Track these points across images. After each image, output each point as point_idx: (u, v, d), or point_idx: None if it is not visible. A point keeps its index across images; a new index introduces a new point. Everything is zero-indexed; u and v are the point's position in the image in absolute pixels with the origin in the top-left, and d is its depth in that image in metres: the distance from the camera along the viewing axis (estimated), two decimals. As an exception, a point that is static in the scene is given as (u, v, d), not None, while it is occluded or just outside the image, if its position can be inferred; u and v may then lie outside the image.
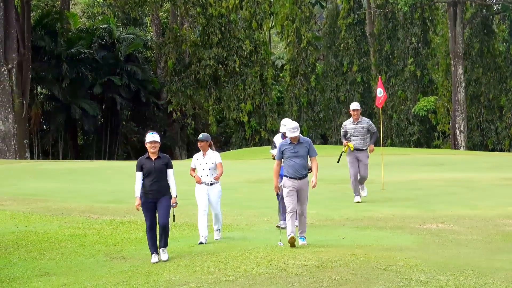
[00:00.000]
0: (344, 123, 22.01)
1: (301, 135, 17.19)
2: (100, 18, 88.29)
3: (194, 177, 19.41)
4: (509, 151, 75.83)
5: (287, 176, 16.77)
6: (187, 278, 16.19)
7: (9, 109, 71.61)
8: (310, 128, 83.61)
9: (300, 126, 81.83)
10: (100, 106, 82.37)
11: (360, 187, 23.97)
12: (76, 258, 21.28)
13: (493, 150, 76.59)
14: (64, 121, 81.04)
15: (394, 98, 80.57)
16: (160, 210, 15.51)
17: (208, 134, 18.91)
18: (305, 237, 17.54)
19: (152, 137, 15.93)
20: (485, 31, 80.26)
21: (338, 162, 27.08)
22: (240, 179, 38.93)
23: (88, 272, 19.29)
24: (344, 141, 22.26)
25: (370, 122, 21.90)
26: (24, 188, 34.69)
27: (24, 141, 73.52)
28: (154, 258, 16.02)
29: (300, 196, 16.77)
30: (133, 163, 52.91)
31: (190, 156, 79.87)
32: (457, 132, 76.58)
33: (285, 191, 16.86)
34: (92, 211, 27.18)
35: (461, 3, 76.91)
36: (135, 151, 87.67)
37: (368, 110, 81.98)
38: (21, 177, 40.83)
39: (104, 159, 78.87)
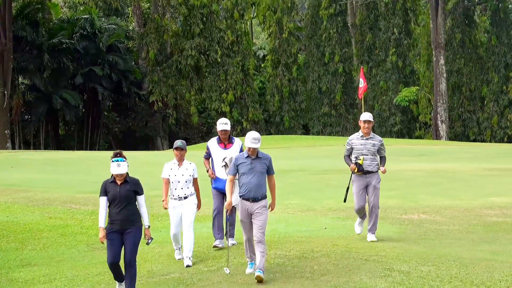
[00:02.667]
0: (350, 137, 17.52)
1: (260, 150, 14.51)
2: (81, 9, 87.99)
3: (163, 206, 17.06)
4: (490, 141, 76.08)
5: (241, 197, 14.23)
6: (169, 268, 16.17)
7: (-9, 99, 71.54)
8: (292, 118, 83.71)
9: (282, 117, 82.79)
10: (82, 97, 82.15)
11: (370, 227, 18.13)
12: (57, 248, 21.24)
13: (474, 140, 76.83)
14: (46, 111, 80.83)
15: (376, 89, 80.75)
16: (127, 245, 13.05)
17: (184, 141, 16.60)
18: (261, 269, 14.11)
19: (117, 168, 13.55)
20: (466, 22, 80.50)
21: (344, 201, 19.49)
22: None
23: (70, 262, 19.27)
24: (352, 165, 17.21)
25: (383, 141, 17.88)
26: (5, 179, 34.62)
27: (5, 131, 73.34)
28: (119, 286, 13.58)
29: (254, 220, 13.99)
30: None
31: (171, 146, 79.77)
32: (439, 122, 76.74)
33: (240, 215, 14.49)
34: (73, 201, 27.16)
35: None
36: (117, 141, 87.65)
37: (349, 101, 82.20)
38: (2, 168, 40.75)
39: (86, 149, 78.79)
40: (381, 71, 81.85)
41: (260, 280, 13.74)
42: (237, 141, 17.38)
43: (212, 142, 17.16)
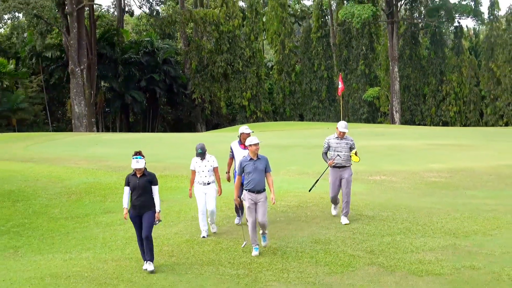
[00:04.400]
0: (328, 137, 16.20)
1: (258, 153, 13.90)
2: (144, 33, 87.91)
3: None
4: (430, 125, 75.81)
5: (247, 190, 13.62)
6: (186, 252, 16.01)
7: (82, 97, 71.54)
8: (291, 110, 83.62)
9: (284, 109, 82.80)
10: (145, 95, 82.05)
11: (343, 211, 16.27)
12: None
13: (419, 124, 76.57)
14: (120, 105, 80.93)
15: (350, 89, 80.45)
16: (143, 224, 12.60)
17: (203, 144, 15.60)
18: (266, 238, 14.02)
19: (136, 164, 12.95)
20: (413, 42, 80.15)
21: (309, 191, 17.92)
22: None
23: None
24: (329, 161, 15.90)
25: (354, 142, 16.24)
26: (92, 152, 34.73)
27: (92, 120, 73.42)
28: (145, 265, 12.86)
29: (258, 208, 13.51)
30: (168, 135, 52.24)
31: (207, 129, 79.88)
32: (394, 112, 76.57)
33: (245, 204, 13.87)
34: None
35: (396, 22, 76.67)
36: (169, 126, 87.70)
37: (332, 97, 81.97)
38: (90, 145, 40.84)
39: (148, 131, 78.84)
40: (353, 76, 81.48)
41: (264, 246, 13.73)
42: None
43: (234, 144, 16.21)
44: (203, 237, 15.20)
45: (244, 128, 15.69)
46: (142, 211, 12.49)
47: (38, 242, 17.84)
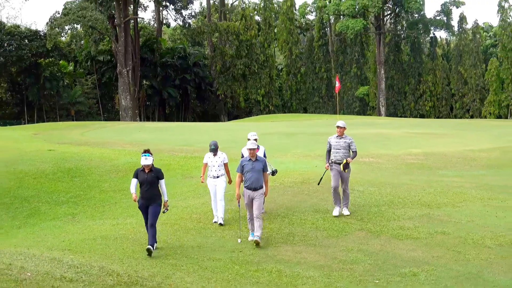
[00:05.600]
0: (329, 138, 14.97)
1: (258, 154, 12.95)
2: (178, 41, 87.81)
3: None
4: (409, 117, 75.50)
5: (245, 187, 12.62)
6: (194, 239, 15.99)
7: (127, 93, 71.77)
8: (297, 104, 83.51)
9: (292, 103, 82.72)
10: (179, 91, 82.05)
11: (344, 204, 14.90)
12: (165, 177, 21.27)
13: (400, 117, 76.29)
14: (158, 100, 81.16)
15: (345, 87, 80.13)
16: (150, 214, 11.64)
17: (216, 141, 14.81)
18: (259, 236, 12.40)
19: (144, 161, 11.90)
20: (396, 49, 79.78)
21: (318, 184, 16.28)
22: (256, 132, 38.59)
23: (173, 184, 19.31)
24: (326, 164, 14.71)
25: (353, 140, 14.92)
26: (135, 137, 34.82)
27: (136, 111, 73.64)
28: (147, 247, 11.57)
29: (254, 203, 12.39)
30: (196, 124, 52.22)
31: (229, 119, 79.86)
32: (380, 106, 76.32)
33: (244, 200, 12.80)
34: (173, 150, 27.25)
35: (383, 33, 76.42)
36: (198, 117, 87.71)
37: (330, 94, 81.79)
38: (133, 132, 40.98)
39: (180, 121, 78.99)
40: (348, 77, 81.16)
41: (257, 244, 12.30)
42: (261, 147, 15.16)
43: (245, 149, 14.64)
44: (215, 222, 14.26)
45: (250, 135, 14.79)
46: (150, 202, 11.71)
47: (91, 210, 17.94)
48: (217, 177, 14.29)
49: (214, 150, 14.38)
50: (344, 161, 14.33)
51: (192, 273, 10.93)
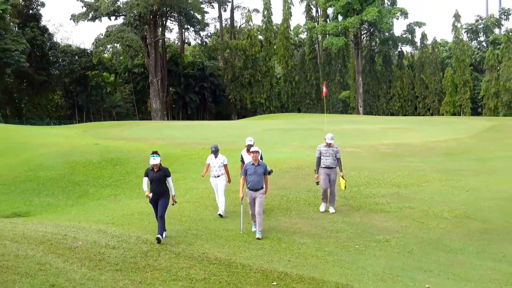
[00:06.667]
0: (319, 146, 13.71)
1: (260, 160, 11.96)
2: (197, 56, 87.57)
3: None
4: (382, 115, 75.22)
5: (248, 188, 11.70)
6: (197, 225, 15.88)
7: (157, 98, 71.69)
8: (293, 105, 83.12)
9: (288, 105, 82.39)
10: (198, 96, 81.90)
11: (330, 203, 13.52)
12: (185, 164, 21.23)
13: (375, 115, 75.95)
14: (182, 104, 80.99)
15: (330, 92, 79.65)
16: (159, 207, 10.78)
17: (217, 145, 13.73)
18: (260, 232, 11.37)
19: (153, 161, 10.87)
20: (371, 61, 79.31)
21: (317, 184, 13.91)
22: (260, 128, 38.57)
23: (191, 170, 19.29)
24: (316, 175, 13.54)
25: (339, 149, 13.71)
26: (164, 133, 34.78)
27: (164, 112, 73.60)
28: (157, 235, 10.53)
29: (256, 201, 11.50)
30: (212, 122, 51.53)
31: (238, 118, 79.71)
32: (359, 107, 75.95)
33: (247, 199, 11.79)
34: (194, 143, 27.20)
35: (360, 48, 76.14)
36: (214, 116, 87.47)
37: (318, 97, 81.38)
38: (162, 129, 40.95)
39: (200, 120, 78.93)
40: (332, 84, 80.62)
41: (258, 239, 11.25)
42: (259, 150, 13.75)
43: (244, 152, 13.74)
44: (219, 214, 13.13)
45: (248, 140, 13.52)
46: (159, 197, 10.87)
47: (129, 191, 17.94)
48: (218, 176, 13.33)
49: (215, 152, 13.42)
50: (341, 176, 13.53)
51: (210, 241, 10.97)
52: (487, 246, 11.25)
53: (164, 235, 10.72)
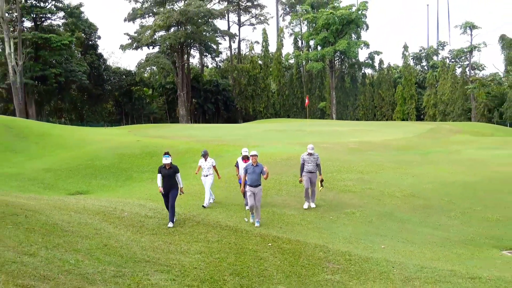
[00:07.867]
0: (302, 155, 12.63)
1: (258, 162, 10.94)
2: (213, 76, 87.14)
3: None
4: (350, 120, 74.88)
5: (248, 185, 10.68)
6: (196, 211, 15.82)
7: (183, 107, 71.36)
8: (284, 112, 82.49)
9: (281, 112, 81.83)
10: (214, 106, 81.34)
11: (311, 199, 12.18)
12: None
13: (345, 120, 75.64)
14: (202, 111, 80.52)
15: (312, 103, 79.28)
16: (170, 197, 9.80)
17: (206, 150, 12.92)
18: (259, 221, 10.39)
19: (165, 160, 9.98)
20: (342, 80, 78.90)
21: (300, 182, 12.75)
22: (259, 129, 38.36)
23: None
24: (300, 178, 12.36)
25: (319, 157, 12.62)
26: (188, 133, 34.66)
27: (188, 117, 73.14)
28: (169, 224, 9.53)
29: (255, 196, 10.53)
30: (224, 125, 50.95)
31: (244, 122, 79.30)
32: (333, 114, 75.62)
33: (247, 194, 10.71)
34: (211, 140, 27.12)
35: (334, 70, 75.72)
36: (225, 121, 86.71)
37: (303, 106, 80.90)
38: (187, 129, 40.83)
39: (215, 123, 78.60)
40: (313, 97, 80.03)
41: (257, 227, 10.13)
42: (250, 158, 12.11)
43: (239, 159, 12.39)
44: (203, 206, 11.70)
45: (244, 151, 12.33)
46: (170, 189, 9.90)
47: (163, 176, 17.85)
48: (207, 175, 12.28)
49: (204, 155, 12.56)
50: (319, 179, 12.54)
51: (222, 213, 10.98)
52: (427, 218, 11.25)
53: (174, 220, 9.81)
